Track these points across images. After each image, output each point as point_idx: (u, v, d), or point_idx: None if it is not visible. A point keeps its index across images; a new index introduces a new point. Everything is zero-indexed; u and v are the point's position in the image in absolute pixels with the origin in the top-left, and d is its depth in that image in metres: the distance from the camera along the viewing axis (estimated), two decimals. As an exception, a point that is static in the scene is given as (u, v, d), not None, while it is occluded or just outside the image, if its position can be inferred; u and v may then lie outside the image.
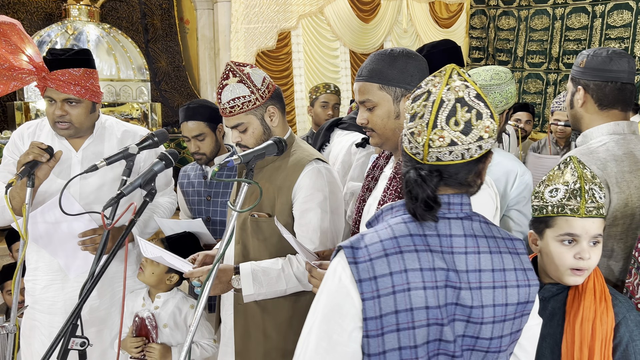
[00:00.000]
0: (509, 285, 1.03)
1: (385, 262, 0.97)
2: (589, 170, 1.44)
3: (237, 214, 1.34)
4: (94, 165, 1.64)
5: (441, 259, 1.00)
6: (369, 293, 0.96)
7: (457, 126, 0.99)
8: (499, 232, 1.07)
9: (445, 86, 1.01)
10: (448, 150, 1.00)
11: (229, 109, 1.73)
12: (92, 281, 1.45)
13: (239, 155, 1.36)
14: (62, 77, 1.95)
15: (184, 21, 6.26)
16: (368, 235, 1.03)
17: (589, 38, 5.62)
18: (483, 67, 1.92)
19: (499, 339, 1.03)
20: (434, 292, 0.98)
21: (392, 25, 7.65)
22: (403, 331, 0.97)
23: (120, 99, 4.99)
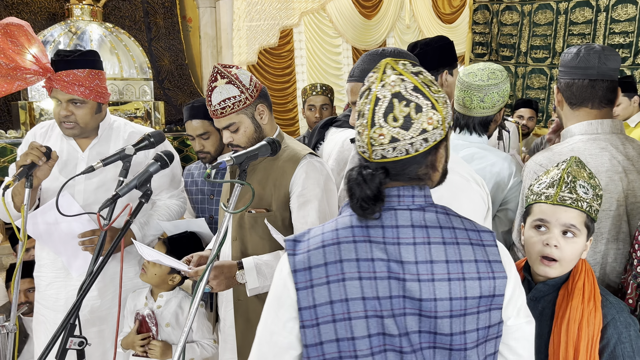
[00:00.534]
0: (468, 278, 0.97)
1: (321, 253, 0.98)
2: (587, 170, 1.45)
3: (230, 215, 1.35)
4: (91, 166, 1.66)
5: (382, 250, 0.98)
6: (303, 283, 0.98)
7: (396, 122, 0.97)
8: (462, 224, 1.03)
9: (380, 82, 0.99)
10: (391, 147, 0.98)
11: (220, 110, 1.75)
12: (89, 281, 1.47)
13: (231, 157, 1.37)
14: (66, 77, 1.98)
15: (187, 19, 6.27)
16: (315, 229, 1.04)
17: (593, 32, 5.58)
18: (477, 66, 1.89)
19: (461, 334, 0.98)
20: (371, 283, 0.96)
21: (395, 21, 7.62)
22: (339, 322, 0.96)
23: (124, 98, 5.01)
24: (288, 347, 1.01)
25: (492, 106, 1.86)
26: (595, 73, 1.68)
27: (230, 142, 1.81)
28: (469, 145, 1.90)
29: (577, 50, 1.72)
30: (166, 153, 1.64)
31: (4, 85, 2.00)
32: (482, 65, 1.88)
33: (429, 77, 1.02)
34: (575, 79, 1.71)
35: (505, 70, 1.88)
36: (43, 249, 2.16)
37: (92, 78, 2.03)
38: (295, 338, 1.00)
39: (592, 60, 1.69)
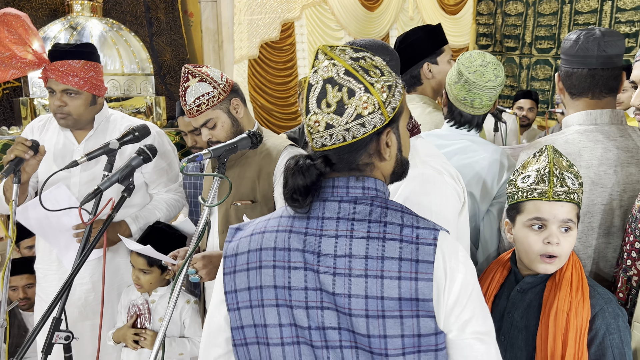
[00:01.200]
0: (387, 276, 0.91)
1: (247, 241, 1.01)
2: (565, 159, 1.42)
3: (208, 209, 1.35)
4: (75, 160, 1.67)
5: (300, 240, 0.96)
6: (228, 268, 1.02)
7: (329, 107, 0.94)
8: (400, 219, 0.95)
9: (312, 69, 0.97)
10: (328, 134, 0.95)
11: (195, 108, 1.77)
12: (71, 274, 1.47)
13: (209, 150, 1.37)
14: (61, 67, 2.00)
15: (188, 14, 6.25)
16: (259, 218, 1.07)
17: (598, 22, 5.50)
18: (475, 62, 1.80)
19: (380, 338, 0.92)
20: (284, 272, 0.96)
21: (398, 13, 7.55)
22: (255, 308, 0.99)
23: (125, 94, 5.02)
24: (219, 328, 1.05)
25: (494, 101, 1.85)
26: (595, 62, 1.61)
27: (209, 139, 1.83)
28: (460, 137, 1.87)
29: (577, 37, 1.64)
30: (149, 147, 1.64)
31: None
32: (479, 60, 1.79)
33: (374, 62, 0.98)
34: (574, 69, 1.64)
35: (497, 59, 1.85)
36: (42, 241, 2.19)
37: (88, 69, 2.04)
38: (223, 319, 1.04)
39: (591, 49, 1.61)
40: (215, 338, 1.06)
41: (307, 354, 0.96)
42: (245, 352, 1.02)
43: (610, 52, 1.62)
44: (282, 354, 0.97)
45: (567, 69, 1.67)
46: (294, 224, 0.98)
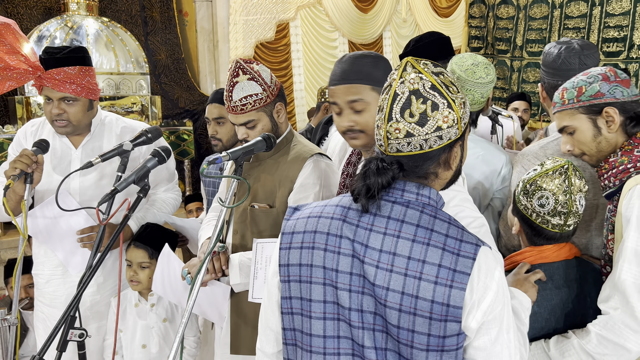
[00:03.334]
0: (424, 279, 0.99)
1: (304, 222, 1.11)
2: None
3: (226, 210, 1.38)
4: (89, 162, 1.68)
5: (352, 230, 1.06)
6: (284, 244, 1.12)
7: (412, 118, 1.01)
8: (446, 229, 1.03)
9: (399, 79, 1.03)
10: (406, 142, 1.03)
11: (240, 106, 1.74)
12: (88, 275, 1.50)
13: (227, 153, 1.40)
14: (57, 75, 1.96)
15: (183, 13, 6.26)
16: (317, 202, 1.17)
17: (588, 26, 5.60)
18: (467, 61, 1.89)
19: (409, 332, 1.01)
20: (334, 256, 1.06)
21: (391, 15, 7.62)
22: (303, 283, 1.09)
23: (120, 93, 5.02)
24: (270, 294, 1.17)
25: (486, 99, 1.91)
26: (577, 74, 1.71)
27: (245, 138, 1.79)
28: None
29: (558, 52, 1.78)
30: (163, 148, 1.67)
31: (-5, 85, 2.00)
32: (471, 60, 1.89)
33: (450, 79, 1.05)
34: (558, 81, 1.76)
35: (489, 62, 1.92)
36: (40, 247, 2.16)
37: (83, 75, 2.02)
38: (276, 288, 1.16)
39: (572, 62, 1.76)
40: (270, 303, 1.18)
41: (344, 330, 1.07)
42: (290, 320, 1.12)
43: (590, 64, 1.77)
44: (322, 327, 1.08)
45: (550, 82, 1.80)
46: (348, 215, 1.07)
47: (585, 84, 1.52)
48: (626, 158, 1.47)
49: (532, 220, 1.50)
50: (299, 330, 1.11)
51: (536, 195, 1.49)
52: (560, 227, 1.48)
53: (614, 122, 1.48)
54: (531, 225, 1.52)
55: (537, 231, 1.51)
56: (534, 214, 1.49)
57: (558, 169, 1.48)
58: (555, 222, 1.48)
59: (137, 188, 1.59)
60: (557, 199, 1.46)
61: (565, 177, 1.47)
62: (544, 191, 1.47)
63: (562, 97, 1.55)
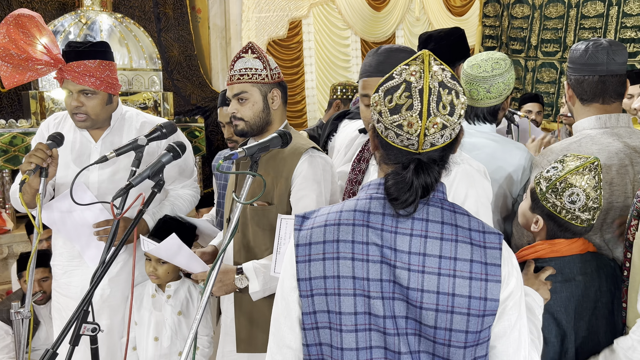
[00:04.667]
0: (459, 276, 0.99)
1: (322, 232, 1.05)
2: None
3: (241, 206, 1.37)
4: (104, 156, 1.68)
5: (378, 235, 1.02)
6: (302, 257, 1.05)
7: (445, 110, 1.01)
8: (467, 222, 1.04)
9: (428, 74, 1.01)
10: (440, 134, 1.01)
11: (237, 75, 1.79)
12: (101, 270, 1.49)
13: (243, 149, 1.39)
14: (77, 68, 1.99)
15: (196, 10, 6.27)
16: (324, 208, 1.10)
17: (604, 26, 5.53)
18: (480, 57, 1.89)
19: (446, 331, 1.00)
20: (362, 265, 1.02)
21: (404, 13, 7.58)
22: (330, 296, 1.03)
23: (133, 88, 5.03)
24: (288, 310, 1.09)
25: (498, 95, 1.88)
26: (605, 69, 1.72)
27: (234, 113, 1.82)
28: (480, 136, 1.92)
29: (585, 47, 1.75)
30: (178, 144, 1.66)
31: (15, 76, 2.03)
32: (485, 55, 1.89)
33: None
34: (585, 76, 1.74)
35: (508, 58, 1.89)
36: (59, 238, 2.19)
37: (103, 69, 2.04)
38: (295, 303, 1.08)
39: (600, 57, 1.72)
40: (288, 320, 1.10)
41: (377, 339, 1.03)
42: (315, 335, 1.06)
43: (618, 60, 1.73)
44: (355, 340, 1.03)
45: (577, 77, 1.77)
46: (371, 220, 1.03)
47: None
48: None
49: (560, 217, 1.52)
50: (327, 345, 1.06)
51: (567, 193, 1.49)
52: (588, 222, 1.51)
53: None
54: (558, 222, 1.53)
55: (565, 227, 1.53)
56: (564, 210, 1.50)
57: (588, 165, 1.49)
58: (584, 218, 1.50)
59: (151, 183, 1.59)
60: (589, 195, 1.48)
61: (595, 173, 1.49)
62: (574, 188, 1.48)
63: None
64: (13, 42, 1.97)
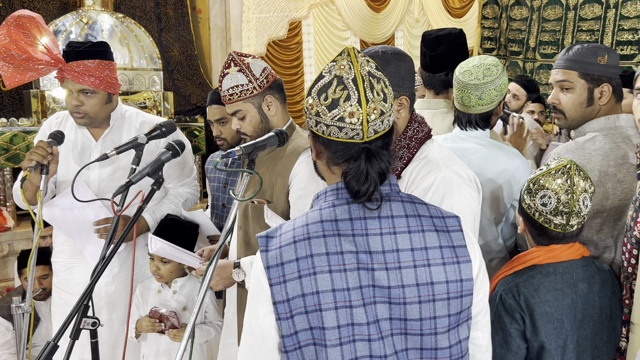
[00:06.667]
0: (433, 264, 1.02)
1: (292, 249, 1.01)
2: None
3: (238, 203, 1.40)
4: (105, 154, 1.72)
5: (351, 242, 1.01)
6: (276, 278, 1.00)
7: (379, 96, 1.03)
8: (427, 211, 1.07)
9: (357, 64, 1.04)
10: (380, 121, 1.04)
11: (228, 96, 1.81)
12: (101, 266, 1.52)
13: (240, 147, 1.42)
14: (76, 68, 2.03)
15: (197, 10, 6.30)
16: (286, 224, 1.07)
17: (602, 29, 5.56)
18: (471, 62, 1.89)
19: (431, 320, 1.02)
20: (341, 275, 0.99)
21: (404, 14, 7.61)
22: (311, 313, 1.00)
23: (133, 88, 5.06)
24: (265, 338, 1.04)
25: (490, 102, 1.88)
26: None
27: (238, 129, 1.86)
28: (472, 141, 1.93)
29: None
30: (177, 142, 1.70)
31: (16, 75, 2.06)
32: (477, 61, 1.89)
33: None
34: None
35: (500, 64, 1.89)
36: (60, 235, 2.22)
37: (103, 68, 2.07)
38: (272, 329, 1.03)
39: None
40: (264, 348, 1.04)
41: (361, 349, 1.01)
42: (299, 354, 1.02)
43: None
44: (340, 353, 1.00)
45: (618, 79, 1.82)
46: (340, 227, 1.02)
47: None
48: None
49: (535, 219, 1.51)
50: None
51: (539, 194, 1.49)
52: (563, 227, 1.48)
53: None
54: (534, 225, 1.53)
55: (540, 230, 1.52)
56: (537, 213, 1.50)
57: (560, 168, 1.48)
58: (557, 222, 1.48)
59: (151, 181, 1.62)
60: (559, 198, 1.46)
61: (568, 176, 1.47)
62: (546, 190, 1.48)
63: None
64: (14, 42, 2.01)
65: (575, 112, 1.81)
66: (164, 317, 2.09)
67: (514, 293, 1.47)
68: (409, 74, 1.47)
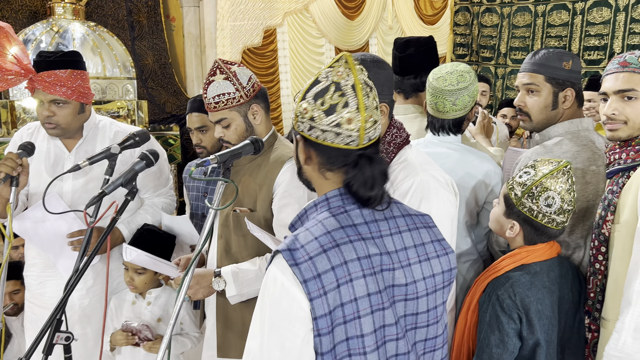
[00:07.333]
0: (431, 257, 1.11)
1: (325, 258, 0.97)
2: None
3: (214, 212, 1.40)
4: (77, 165, 1.69)
5: (373, 245, 1.04)
6: (316, 292, 0.95)
7: (373, 105, 1.06)
8: (410, 210, 1.16)
9: (355, 72, 1.04)
10: (374, 129, 1.07)
11: (213, 104, 1.79)
12: (74, 279, 1.50)
13: (215, 155, 1.41)
14: (47, 78, 1.99)
15: (170, 18, 6.26)
16: (301, 235, 1.02)
17: (569, 35, 5.71)
18: (444, 69, 1.93)
19: (434, 310, 1.11)
20: (372, 279, 1.01)
21: (378, 22, 7.69)
22: (350, 322, 0.97)
23: (107, 97, 4.99)
24: (306, 354, 0.97)
25: (464, 107, 1.92)
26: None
27: (221, 137, 1.84)
28: (445, 146, 1.96)
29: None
30: (151, 152, 1.68)
31: (-15, 86, 2.02)
32: (450, 67, 1.93)
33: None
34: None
35: (472, 71, 1.94)
36: (32, 248, 2.18)
37: (74, 78, 2.04)
38: (311, 348, 0.97)
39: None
40: None
41: (390, 350, 1.05)
42: None
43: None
44: (377, 358, 1.01)
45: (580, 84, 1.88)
46: (361, 231, 1.05)
47: None
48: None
49: (537, 221, 1.56)
50: None
51: (542, 197, 1.53)
52: (563, 225, 1.57)
53: None
54: (535, 226, 1.57)
55: (542, 231, 1.57)
56: (540, 214, 1.54)
57: (561, 169, 1.53)
58: (559, 220, 1.55)
59: (125, 191, 1.60)
60: (564, 198, 1.52)
61: (568, 176, 1.54)
62: (550, 192, 1.52)
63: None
64: (-18, 53, 1.97)
65: (540, 115, 1.86)
66: (136, 331, 2.06)
67: (509, 293, 1.51)
68: (388, 81, 1.49)
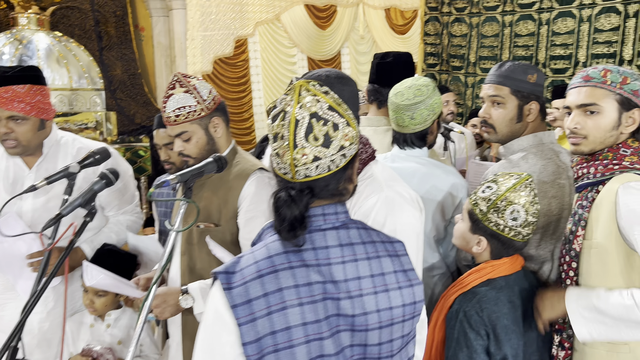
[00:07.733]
0: (390, 289, 1.04)
1: (259, 284, 0.96)
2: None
3: (174, 235, 1.37)
4: (33, 185, 1.64)
5: (317, 272, 0.99)
6: (244, 317, 0.94)
7: (317, 141, 1.00)
8: (378, 236, 1.09)
9: (297, 104, 1.01)
10: (314, 166, 1.01)
11: (173, 117, 1.75)
12: (32, 301, 1.44)
13: (176, 175, 1.38)
14: (5, 94, 1.93)
15: (139, 28, 6.18)
16: (245, 257, 1.01)
17: (536, 44, 5.84)
18: (404, 84, 1.94)
19: (389, 343, 1.04)
20: (311, 307, 0.97)
21: (349, 31, 7.74)
22: (282, 351, 0.95)
23: (74, 109, 4.89)
24: None
25: (423, 121, 1.91)
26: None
27: (181, 151, 1.81)
28: (412, 160, 1.96)
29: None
30: (112, 170, 1.64)
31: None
32: (409, 82, 1.93)
33: (337, 96, 1.05)
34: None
35: (431, 84, 1.93)
36: None
37: (34, 94, 1.98)
38: None
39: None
40: None
41: None
42: None
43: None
44: None
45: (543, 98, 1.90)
46: (305, 257, 1.00)
47: (631, 76, 1.48)
48: (611, 154, 1.50)
49: (504, 235, 1.55)
50: None
51: (508, 210, 1.53)
52: (528, 237, 1.56)
53: (635, 124, 1.49)
54: (502, 240, 1.56)
55: (508, 244, 1.56)
56: (507, 228, 1.54)
57: (523, 182, 1.54)
58: (525, 233, 1.55)
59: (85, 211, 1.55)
60: (528, 210, 1.53)
61: (531, 189, 1.54)
62: (514, 205, 1.53)
63: (605, 75, 1.49)
64: (-63, 69, 1.90)
65: (505, 127, 1.87)
66: (97, 355, 2.00)
67: (476, 309, 1.50)
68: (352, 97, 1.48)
